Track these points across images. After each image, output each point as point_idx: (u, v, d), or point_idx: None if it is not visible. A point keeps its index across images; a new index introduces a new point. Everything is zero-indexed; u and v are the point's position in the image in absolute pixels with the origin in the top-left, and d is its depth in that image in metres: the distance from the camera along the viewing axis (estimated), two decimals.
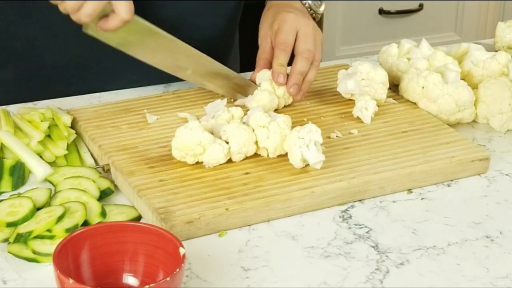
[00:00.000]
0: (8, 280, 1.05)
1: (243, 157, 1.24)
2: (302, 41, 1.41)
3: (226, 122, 1.28)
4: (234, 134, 1.23)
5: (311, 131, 1.23)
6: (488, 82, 1.43)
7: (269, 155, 1.25)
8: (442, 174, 1.27)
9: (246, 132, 1.24)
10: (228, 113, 1.30)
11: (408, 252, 1.12)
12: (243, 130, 1.24)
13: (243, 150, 1.23)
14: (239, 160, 1.24)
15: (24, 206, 1.13)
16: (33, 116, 1.31)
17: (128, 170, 1.22)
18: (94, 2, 1.26)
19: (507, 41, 1.64)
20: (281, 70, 1.39)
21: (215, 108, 1.34)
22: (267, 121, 1.25)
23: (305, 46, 1.40)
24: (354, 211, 1.20)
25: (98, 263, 1.01)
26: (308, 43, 1.41)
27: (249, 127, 1.25)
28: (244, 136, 1.23)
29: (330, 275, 1.07)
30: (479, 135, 1.41)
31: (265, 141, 1.24)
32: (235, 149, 1.23)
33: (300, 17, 1.43)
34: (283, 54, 1.40)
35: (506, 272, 1.08)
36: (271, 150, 1.24)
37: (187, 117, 1.36)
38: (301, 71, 1.39)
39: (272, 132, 1.24)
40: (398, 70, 1.50)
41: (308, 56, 1.40)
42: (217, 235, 1.14)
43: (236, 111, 1.30)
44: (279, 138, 1.24)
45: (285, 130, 1.24)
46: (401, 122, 1.39)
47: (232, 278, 1.06)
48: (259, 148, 1.25)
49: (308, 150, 1.22)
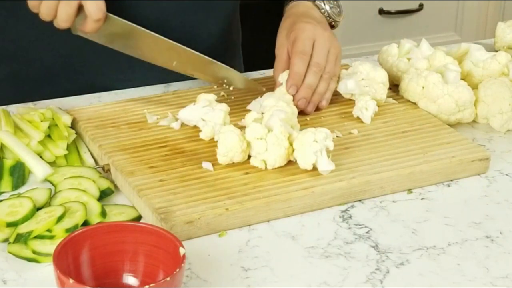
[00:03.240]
0: (8, 280, 1.05)
1: (229, 161, 1.23)
2: (315, 54, 1.40)
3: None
4: (224, 137, 1.23)
5: (327, 138, 1.22)
6: (488, 82, 1.43)
7: (267, 167, 1.23)
8: (442, 174, 1.27)
9: (237, 139, 1.22)
10: (220, 110, 1.30)
11: (408, 252, 1.12)
12: (235, 136, 1.23)
13: (229, 154, 1.22)
14: (225, 163, 1.23)
15: (24, 206, 1.13)
16: (33, 116, 1.31)
17: (128, 170, 1.22)
18: (65, 7, 1.29)
19: (507, 41, 1.64)
20: (297, 79, 1.38)
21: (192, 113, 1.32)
22: (264, 132, 1.24)
23: (316, 59, 1.40)
24: (354, 211, 1.20)
25: (98, 263, 1.01)
26: (320, 56, 1.40)
27: (242, 134, 1.24)
28: (232, 141, 1.22)
29: (330, 275, 1.07)
30: (479, 135, 1.41)
31: (263, 153, 1.23)
32: (221, 151, 1.23)
33: (317, 28, 1.43)
34: (300, 62, 1.39)
35: (506, 272, 1.08)
36: (271, 163, 1.23)
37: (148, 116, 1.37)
38: (310, 85, 1.39)
39: (271, 144, 1.22)
40: (398, 70, 1.50)
41: (317, 70, 1.39)
42: (217, 235, 1.14)
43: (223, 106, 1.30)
44: (278, 151, 1.23)
45: (284, 141, 1.23)
46: (401, 122, 1.39)
47: (232, 278, 1.06)
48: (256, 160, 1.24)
49: (321, 156, 1.22)
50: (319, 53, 1.40)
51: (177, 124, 1.33)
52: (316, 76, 1.40)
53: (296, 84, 1.38)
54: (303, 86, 1.39)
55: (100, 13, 1.30)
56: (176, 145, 1.30)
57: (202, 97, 1.35)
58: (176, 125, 1.33)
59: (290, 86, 1.38)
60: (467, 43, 1.58)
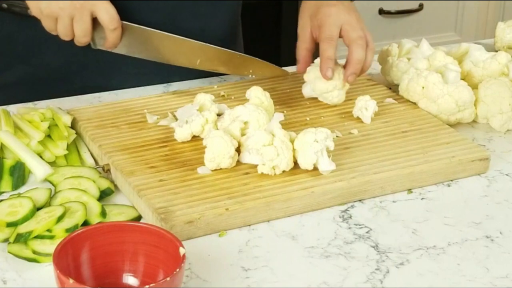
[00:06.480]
0: (8, 280, 1.05)
1: (216, 166, 1.23)
2: (350, 31, 1.42)
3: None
4: (212, 142, 1.22)
5: (327, 138, 1.22)
6: (488, 82, 1.43)
7: (276, 173, 1.22)
8: (442, 174, 1.27)
9: (226, 145, 1.22)
10: (202, 117, 1.29)
11: (408, 252, 1.12)
12: (224, 141, 1.22)
13: (216, 160, 1.22)
14: (212, 169, 1.23)
15: (24, 206, 1.13)
16: (33, 116, 1.31)
17: (128, 170, 1.22)
18: (79, 23, 1.34)
19: (507, 41, 1.64)
20: (330, 64, 1.40)
21: (187, 113, 1.32)
22: (270, 139, 1.23)
23: (356, 34, 1.41)
24: (354, 211, 1.20)
25: (98, 263, 1.01)
26: (357, 30, 1.42)
27: (231, 140, 1.23)
28: (220, 146, 1.22)
29: (330, 275, 1.07)
30: (479, 135, 1.41)
31: (275, 159, 1.21)
32: (208, 156, 1.22)
33: (342, 10, 1.44)
34: (330, 47, 1.40)
35: (506, 272, 1.08)
36: (282, 167, 1.22)
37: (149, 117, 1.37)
38: (359, 59, 1.40)
39: (280, 149, 1.22)
40: (398, 70, 1.50)
41: (362, 43, 1.41)
42: (217, 235, 1.14)
43: (209, 115, 1.30)
44: (288, 154, 1.22)
45: (289, 144, 1.23)
46: (401, 122, 1.39)
47: (232, 278, 1.06)
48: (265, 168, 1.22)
49: (322, 156, 1.21)
50: (356, 29, 1.42)
51: (177, 124, 1.33)
52: (362, 49, 1.41)
53: (331, 68, 1.39)
54: (353, 61, 1.40)
55: (114, 21, 1.35)
56: (176, 145, 1.30)
57: (199, 97, 1.35)
58: (176, 125, 1.33)
59: (326, 70, 1.39)
60: (467, 43, 1.58)
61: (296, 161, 1.23)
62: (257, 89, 1.36)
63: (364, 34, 1.42)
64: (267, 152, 1.21)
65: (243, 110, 1.29)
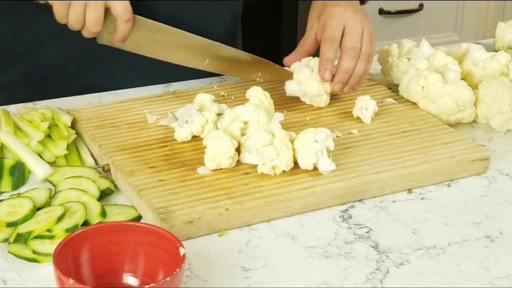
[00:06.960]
0: (8, 280, 1.05)
1: (216, 166, 1.23)
2: (348, 38, 1.41)
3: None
4: (212, 142, 1.22)
5: (327, 138, 1.22)
6: (488, 82, 1.43)
7: (276, 173, 1.22)
8: (442, 174, 1.27)
9: (226, 145, 1.22)
10: (202, 117, 1.29)
11: (408, 252, 1.12)
12: (224, 141, 1.22)
13: (216, 160, 1.22)
14: (212, 169, 1.23)
15: (24, 206, 1.13)
16: (33, 116, 1.31)
17: (128, 170, 1.22)
18: (92, 11, 1.31)
19: (507, 41, 1.64)
20: (328, 66, 1.39)
21: (187, 113, 1.32)
22: (270, 139, 1.23)
23: (350, 44, 1.41)
24: (354, 211, 1.20)
25: (98, 263, 1.01)
26: (354, 39, 1.41)
27: (231, 140, 1.23)
28: (220, 147, 1.22)
29: (330, 275, 1.07)
30: (479, 135, 1.41)
31: (275, 159, 1.22)
32: (208, 156, 1.22)
33: (347, 11, 1.43)
34: (330, 49, 1.40)
35: (506, 272, 1.08)
36: (283, 167, 1.22)
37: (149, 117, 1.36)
38: (347, 69, 1.40)
39: (280, 149, 1.22)
40: (398, 70, 1.50)
41: (353, 54, 1.40)
42: (217, 235, 1.14)
43: (209, 115, 1.30)
44: (288, 154, 1.22)
45: (289, 144, 1.23)
46: (401, 122, 1.39)
47: (232, 278, 1.06)
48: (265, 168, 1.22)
49: (322, 156, 1.22)
50: (353, 36, 1.41)
51: (177, 124, 1.33)
52: (353, 60, 1.40)
53: (329, 70, 1.39)
54: (340, 71, 1.40)
55: (127, 13, 1.33)
56: (176, 145, 1.30)
57: (199, 97, 1.35)
58: (176, 125, 1.33)
59: (324, 71, 1.39)
60: (467, 43, 1.58)
61: (296, 161, 1.23)
62: (257, 89, 1.36)
63: (360, 43, 1.41)
64: (267, 152, 1.21)
65: (243, 110, 1.29)
